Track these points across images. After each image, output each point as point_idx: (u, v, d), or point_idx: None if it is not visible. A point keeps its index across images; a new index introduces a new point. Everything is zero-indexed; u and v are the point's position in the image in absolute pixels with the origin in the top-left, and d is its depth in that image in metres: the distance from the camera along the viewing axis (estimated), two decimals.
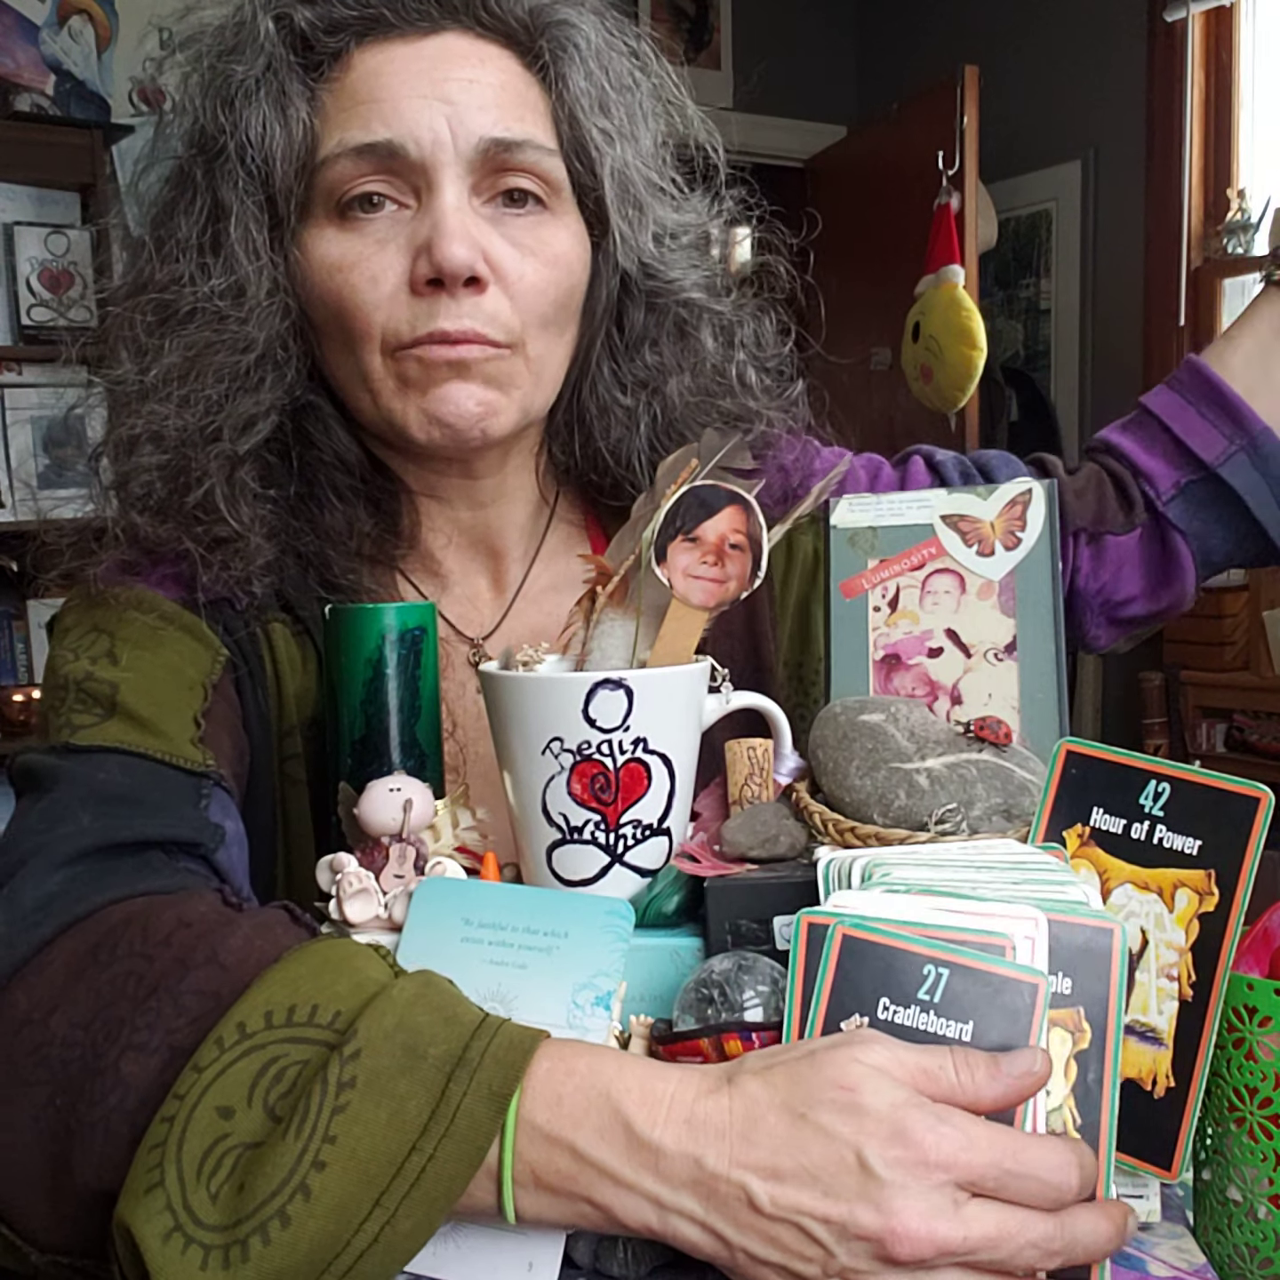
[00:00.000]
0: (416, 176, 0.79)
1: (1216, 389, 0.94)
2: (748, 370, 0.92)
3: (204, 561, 0.79)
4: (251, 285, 0.80)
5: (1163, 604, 0.96)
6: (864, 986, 0.53)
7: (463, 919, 0.64)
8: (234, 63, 0.79)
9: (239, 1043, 0.54)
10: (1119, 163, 3.71)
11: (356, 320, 0.80)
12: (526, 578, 0.93)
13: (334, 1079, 0.52)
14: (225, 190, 0.80)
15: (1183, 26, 3.45)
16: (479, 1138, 0.51)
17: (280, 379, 0.82)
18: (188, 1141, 0.52)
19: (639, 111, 0.86)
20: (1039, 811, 0.63)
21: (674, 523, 0.71)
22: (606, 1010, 0.61)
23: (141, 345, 0.81)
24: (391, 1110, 0.51)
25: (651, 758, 0.67)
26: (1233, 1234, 0.57)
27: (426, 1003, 0.54)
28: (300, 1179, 0.50)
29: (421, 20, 0.79)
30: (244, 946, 0.59)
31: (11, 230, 2.97)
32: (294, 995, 0.55)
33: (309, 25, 0.79)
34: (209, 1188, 0.51)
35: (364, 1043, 0.52)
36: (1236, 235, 3.40)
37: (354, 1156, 0.50)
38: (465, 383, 0.80)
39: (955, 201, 3.58)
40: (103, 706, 0.75)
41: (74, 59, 3.12)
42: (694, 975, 0.60)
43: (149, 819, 0.69)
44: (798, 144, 4.33)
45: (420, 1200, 0.50)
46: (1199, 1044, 0.56)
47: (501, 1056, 0.52)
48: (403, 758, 0.77)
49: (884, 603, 0.78)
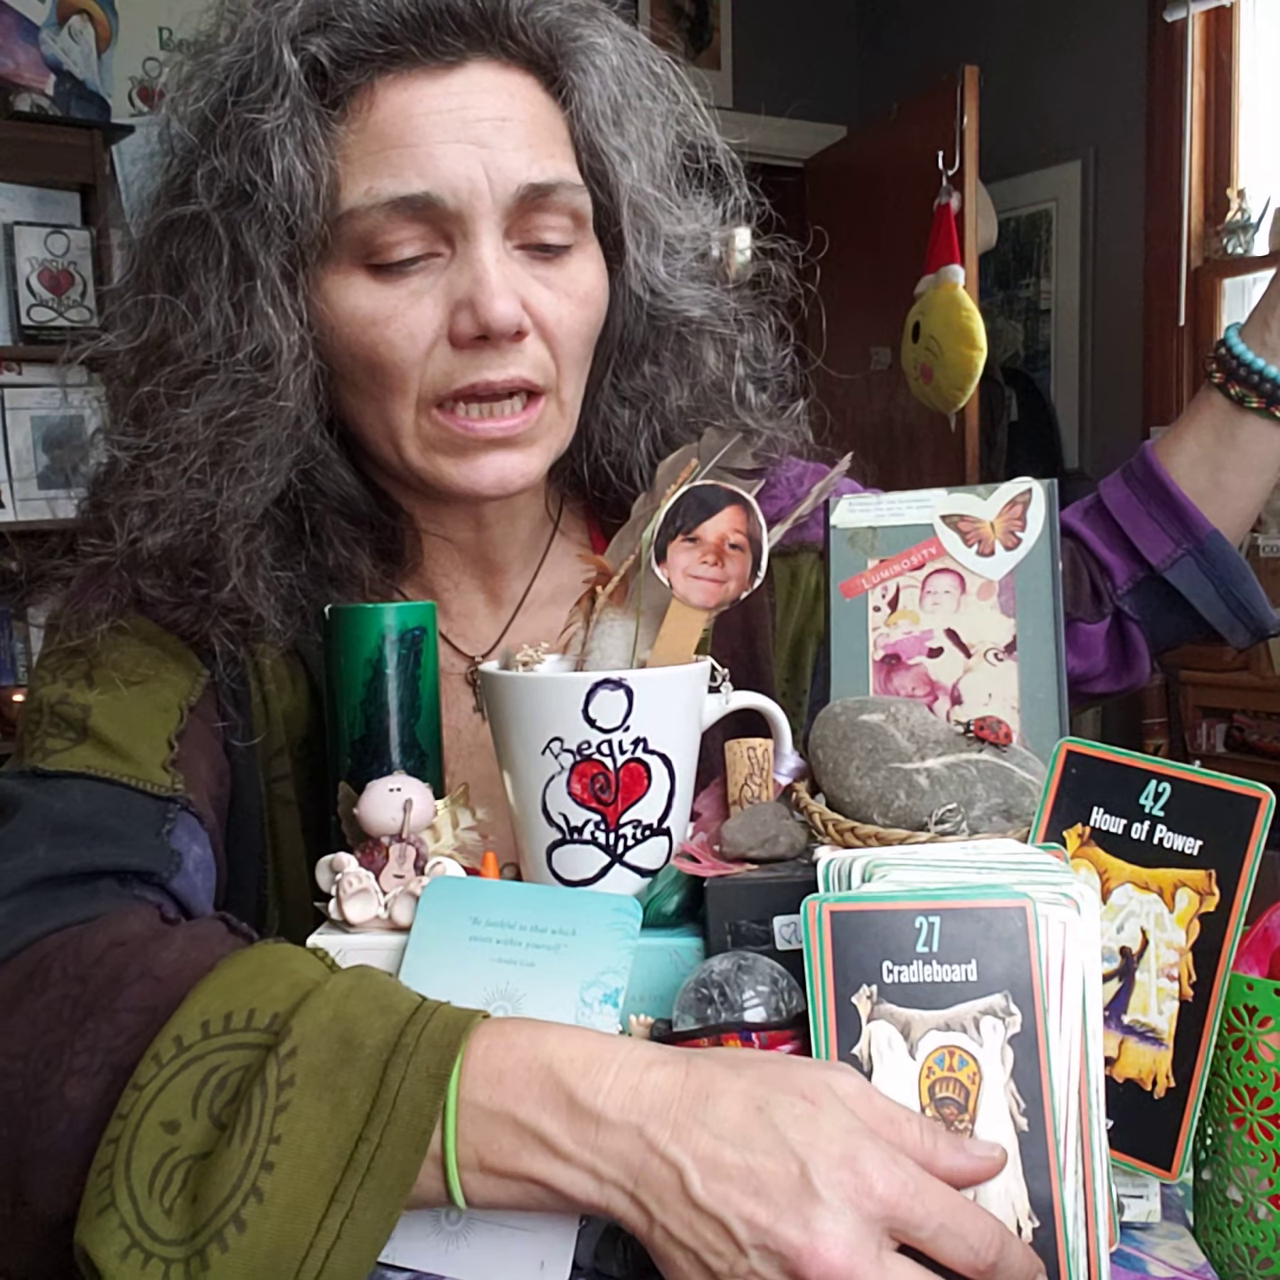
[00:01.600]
0: (451, 225, 0.75)
1: (1165, 489, 0.95)
2: (747, 387, 0.91)
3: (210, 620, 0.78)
4: (282, 349, 0.75)
5: (1123, 684, 1.00)
6: (864, 957, 0.53)
7: (470, 918, 0.64)
8: (259, 110, 0.74)
9: (177, 1056, 0.54)
10: (1119, 163, 3.71)
11: (391, 377, 0.77)
12: (528, 593, 0.92)
13: (273, 1079, 0.52)
14: (251, 244, 0.75)
15: (1183, 26, 3.45)
16: (422, 1121, 0.51)
17: (302, 440, 0.79)
18: (135, 1160, 0.52)
19: (652, 123, 0.85)
20: (1039, 811, 0.63)
21: (674, 523, 0.71)
22: (615, 1007, 0.61)
23: (161, 413, 0.76)
24: (333, 1103, 0.51)
25: (651, 758, 0.67)
26: (1233, 1234, 0.57)
27: (361, 994, 0.54)
28: (251, 1182, 0.50)
29: (447, 53, 0.75)
30: (178, 959, 0.58)
31: (11, 230, 2.98)
32: (230, 1002, 0.55)
33: (328, 60, 0.74)
34: (162, 1203, 0.51)
35: (299, 1040, 0.52)
36: (1236, 235, 3.40)
37: (301, 1153, 0.50)
38: (508, 453, 0.79)
39: (955, 201, 3.58)
40: (75, 730, 0.75)
41: (74, 59, 3.12)
42: (694, 975, 0.60)
43: (104, 848, 0.69)
44: (798, 144, 4.33)
45: (376, 1190, 0.50)
46: (1199, 1044, 0.56)
47: (437, 1039, 0.52)
48: (403, 758, 0.77)
49: (884, 603, 0.78)
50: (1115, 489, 0.98)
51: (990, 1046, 0.53)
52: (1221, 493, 0.94)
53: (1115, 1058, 0.59)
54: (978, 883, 0.56)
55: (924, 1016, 0.53)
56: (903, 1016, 0.53)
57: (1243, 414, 0.93)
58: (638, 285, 0.85)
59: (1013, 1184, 0.53)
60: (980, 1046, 0.53)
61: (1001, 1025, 0.53)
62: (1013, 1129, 0.53)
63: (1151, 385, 3.66)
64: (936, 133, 3.62)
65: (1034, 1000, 0.53)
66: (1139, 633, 0.97)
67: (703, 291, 0.88)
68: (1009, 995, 0.54)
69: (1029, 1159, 0.53)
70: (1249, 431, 0.93)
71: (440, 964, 0.63)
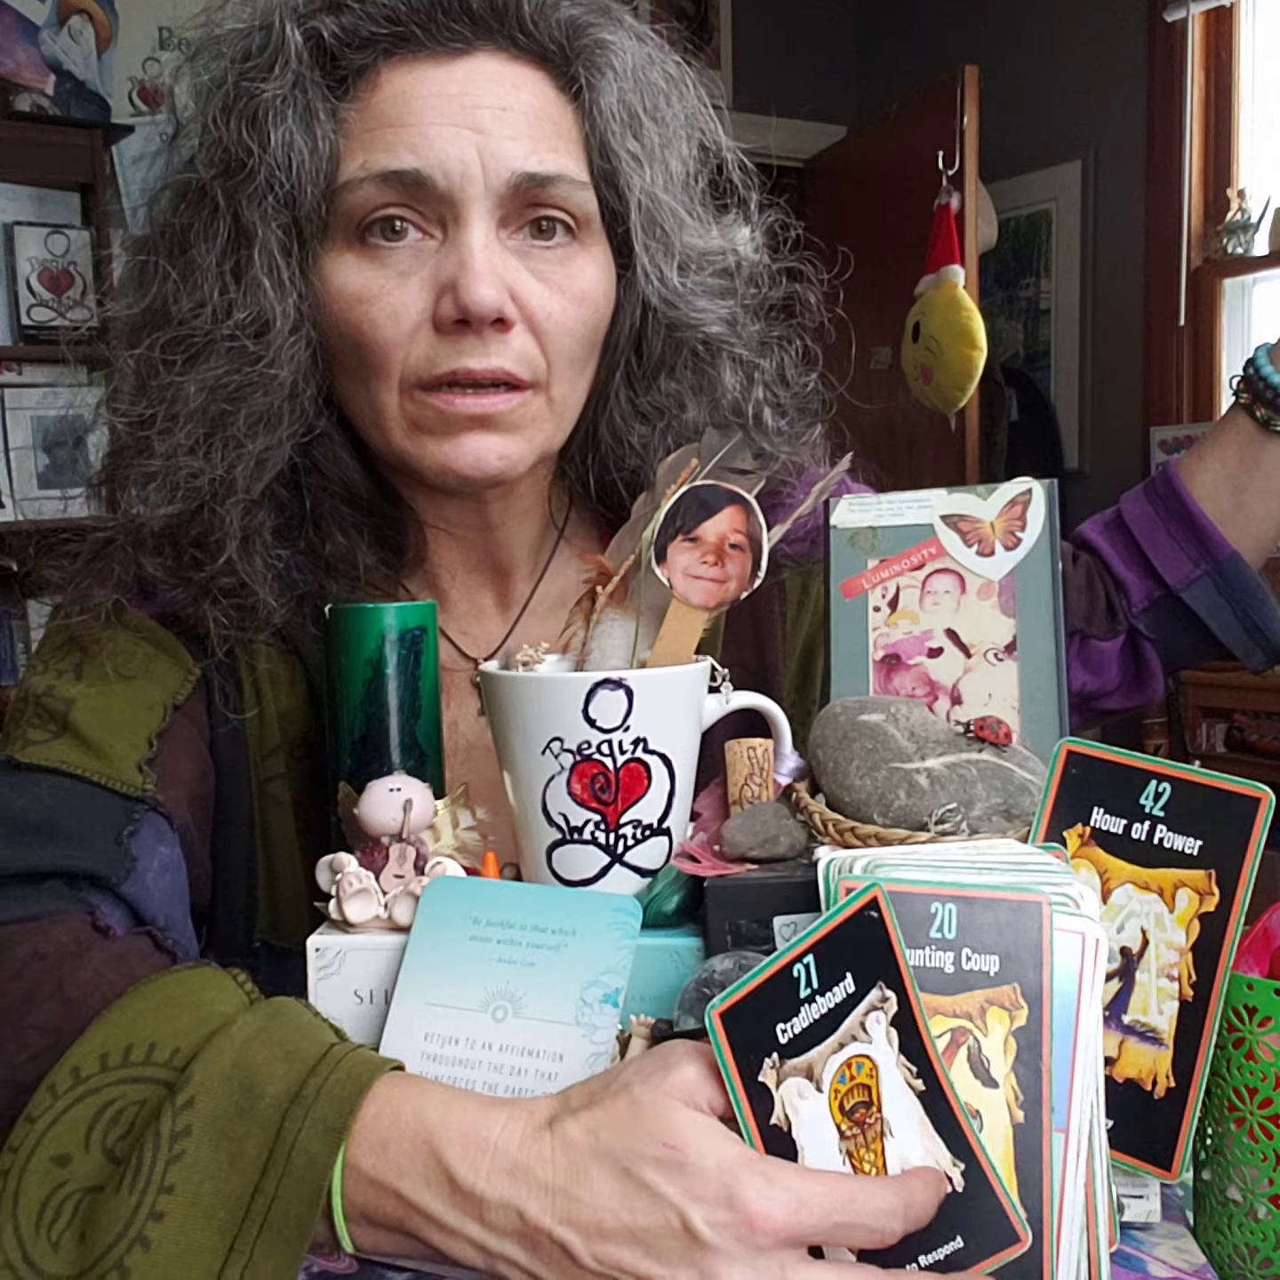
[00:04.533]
0: (443, 207, 0.75)
1: (1185, 508, 0.92)
2: (764, 410, 0.89)
3: (209, 600, 0.78)
4: (276, 318, 0.76)
5: (1135, 702, 0.98)
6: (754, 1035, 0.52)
7: (470, 918, 0.64)
8: (260, 80, 0.75)
9: (72, 1088, 0.53)
10: (1119, 163, 3.71)
11: (375, 356, 0.77)
12: (533, 595, 0.91)
13: (166, 1130, 0.51)
14: (250, 214, 0.75)
15: (1183, 26, 3.45)
16: (316, 1175, 0.50)
17: (299, 413, 0.79)
18: (23, 1194, 0.51)
19: (670, 132, 0.83)
20: (1039, 811, 0.63)
21: (674, 523, 0.71)
22: (615, 1007, 0.61)
23: (160, 381, 0.77)
24: (231, 1153, 0.51)
25: (651, 758, 0.67)
26: (1233, 1234, 0.57)
27: (267, 1038, 0.54)
28: (138, 1230, 0.49)
29: (454, 40, 0.75)
30: (92, 979, 0.58)
31: (11, 230, 2.98)
32: (131, 1034, 0.55)
33: (335, 39, 0.75)
34: (49, 1236, 0.50)
35: (198, 1089, 0.52)
36: (1236, 235, 3.40)
37: (196, 1203, 0.50)
38: (486, 434, 0.78)
39: (955, 201, 3.58)
40: (56, 723, 0.75)
41: (74, 59, 3.12)
42: (694, 975, 0.60)
43: (56, 848, 0.69)
44: (798, 144, 4.33)
45: (274, 1240, 0.50)
46: (1199, 1044, 0.56)
47: (337, 1092, 0.52)
48: (403, 758, 0.77)
49: (884, 603, 0.78)
50: (1136, 505, 0.96)
51: (878, 1039, 0.53)
52: (1243, 515, 0.92)
53: (1115, 1058, 0.59)
54: (978, 882, 0.56)
55: (820, 1050, 0.52)
56: (803, 1064, 0.52)
57: (1268, 437, 0.90)
58: (649, 293, 0.83)
59: (928, 1141, 0.53)
60: (871, 1043, 0.53)
61: (882, 1015, 0.53)
62: (911, 1095, 0.53)
63: (1151, 385, 3.66)
64: (936, 133, 3.62)
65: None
66: (1153, 651, 0.95)
67: (723, 309, 0.86)
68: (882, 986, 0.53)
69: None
70: (1273, 455, 0.91)
71: (440, 964, 0.63)
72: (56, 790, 0.72)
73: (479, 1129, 0.51)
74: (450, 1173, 0.50)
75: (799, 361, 0.92)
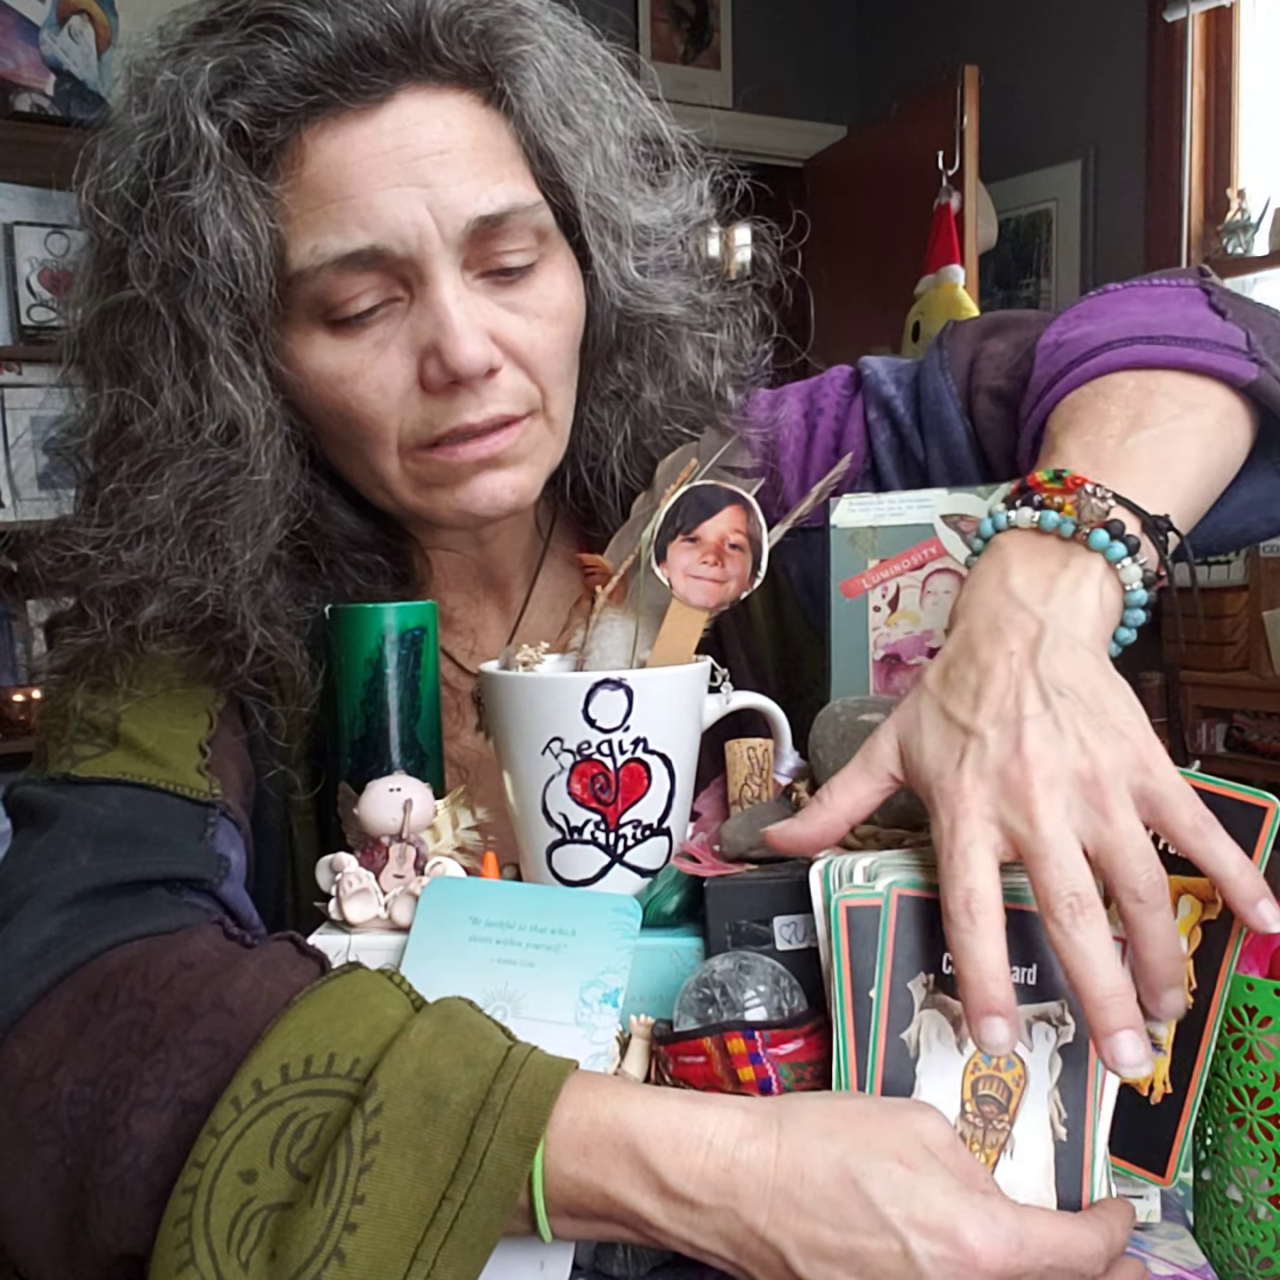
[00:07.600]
0: (405, 270, 0.72)
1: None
2: (726, 389, 0.87)
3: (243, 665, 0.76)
4: (248, 420, 0.73)
5: None
6: (925, 945, 0.53)
7: (470, 918, 0.64)
8: (183, 187, 0.70)
9: (256, 1101, 0.53)
10: (1119, 163, 3.71)
11: (368, 429, 0.75)
12: (528, 601, 0.91)
13: (358, 1137, 0.51)
14: (196, 319, 0.71)
15: (1183, 26, 3.45)
16: (509, 1183, 0.50)
17: (285, 503, 0.76)
18: (214, 1212, 0.51)
19: (602, 111, 0.80)
20: None
21: (674, 523, 0.71)
22: (615, 1007, 0.61)
23: (128, 501, 0.73)
24: (418, 1161, 0.50)
25: (651, 758, 0.67)
26: (1233, 1234, 0.57)
27: (446, 1042, 0.53)
28: (333, 1244, 0.49)
29: (372, 91, 0.70)
30: (251, 989, 0.57)
31: (11, 230, 2.98)
32: (309, 1045, 0.54)
33: (248, 121, 0.70)
34: (239, 1255, 0.50)
35: (385, 1095, 0.52)
36: (1236, 235, 3.40)
37: (384, 1213, 0.50)
38: (495, 472, 0.77)
39: (955, 201, 3.58)
40: (105, 736, 0.73)
41: (74, 59, 3.12)
42: (694, 975, 0.60)
43: (151, 855, 0.68)
44: (798, 144, 4.33)
45: (457, 1249, 0.50)
46: (1197, 1050, 0.56)
47: (525, 1099, 0.51)
48: (403, 758, 0.77)
49: (884, 602, 0.78)
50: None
51: (1040, 1052, 0.53)
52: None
53: None
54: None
55: None
56: (955, 1009, 0.53)
57: None
58: (613, 284, 0.81)
59: (1044, 1193, 0.53)
60: (1029, 1051, 0.53)
61: (1054, 1033, 0.53)
62: (1050, 1138, 0.53)
63: None
64: (936, 133, 3.63)
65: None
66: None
67: (680, 285, 0.84)
68: (1065, 1004, 0.53)
69: (1063, 1169, 0.53)
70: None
71: (440, 964, 0.63)
72: (128, 800, 0.71)
73: (689, 1126, 0.51)
74: (659, 1174, 0.50)
75: (758, 331, 0.90)
